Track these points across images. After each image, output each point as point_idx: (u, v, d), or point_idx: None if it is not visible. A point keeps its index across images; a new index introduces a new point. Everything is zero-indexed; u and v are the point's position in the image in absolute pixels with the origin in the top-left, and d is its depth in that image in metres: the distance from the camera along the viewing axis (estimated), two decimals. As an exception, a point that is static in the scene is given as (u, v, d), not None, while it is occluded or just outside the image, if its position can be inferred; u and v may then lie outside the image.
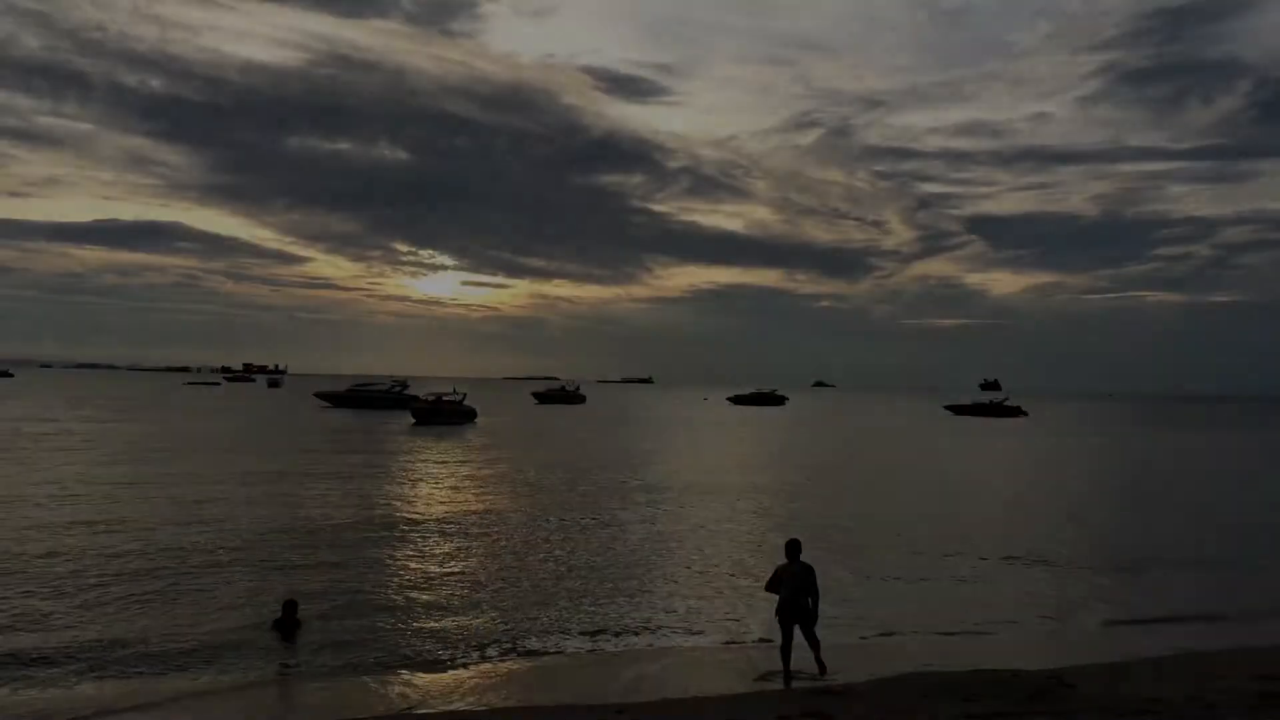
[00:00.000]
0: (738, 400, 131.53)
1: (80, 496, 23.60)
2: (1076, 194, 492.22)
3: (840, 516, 23.80)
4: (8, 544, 17.34)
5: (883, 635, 13.04)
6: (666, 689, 10.47)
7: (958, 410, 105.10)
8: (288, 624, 12.26)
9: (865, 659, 11.66)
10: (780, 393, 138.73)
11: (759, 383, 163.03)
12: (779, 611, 10.70)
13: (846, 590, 15.36)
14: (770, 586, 10.92)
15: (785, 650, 10.70)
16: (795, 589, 10.56)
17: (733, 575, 16.49)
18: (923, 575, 16.98)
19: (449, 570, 16.46)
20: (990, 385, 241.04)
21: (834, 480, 33.90)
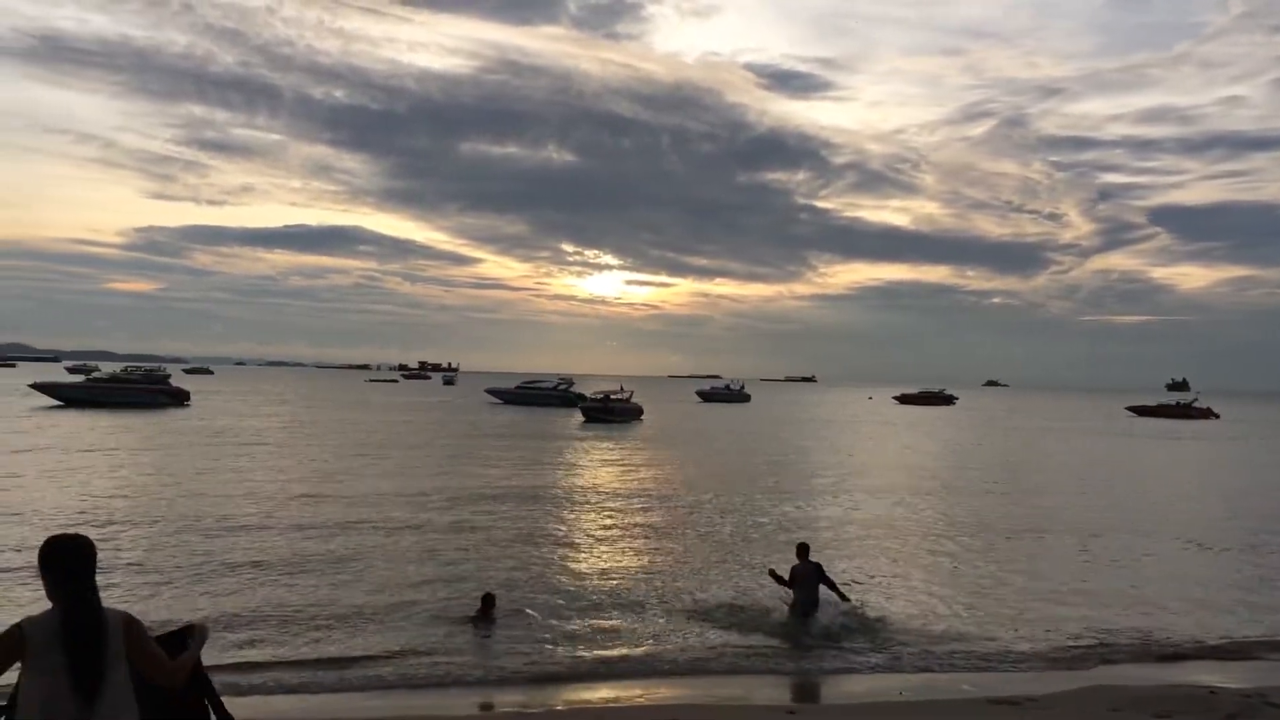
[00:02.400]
0: (905, 400, 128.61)
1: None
2: (1274, 182, 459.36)
3: (1023, 518, 23.31)
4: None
5: (1070, 643, 12.84)
6: (843, 692, 10.69)
7: (1141, 411, 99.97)
8: (485, 618, 12.68)
9: (1049, 668, 11.58)
10: (949, 392, 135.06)
11: (926, 382, 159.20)
12: (795, 606, 12.69)
13: (1024, 596, 15.18)
14: (788, 583, 12.79)
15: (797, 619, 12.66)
16: (810, 586, 12.64)
17: (899, 576, 16.46)
18: (1109, 582, 16.53)
19: (636, 564, 16.98)
20: (1178, 385, 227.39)
21: (1011, 482, 32.98)
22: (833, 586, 12.79)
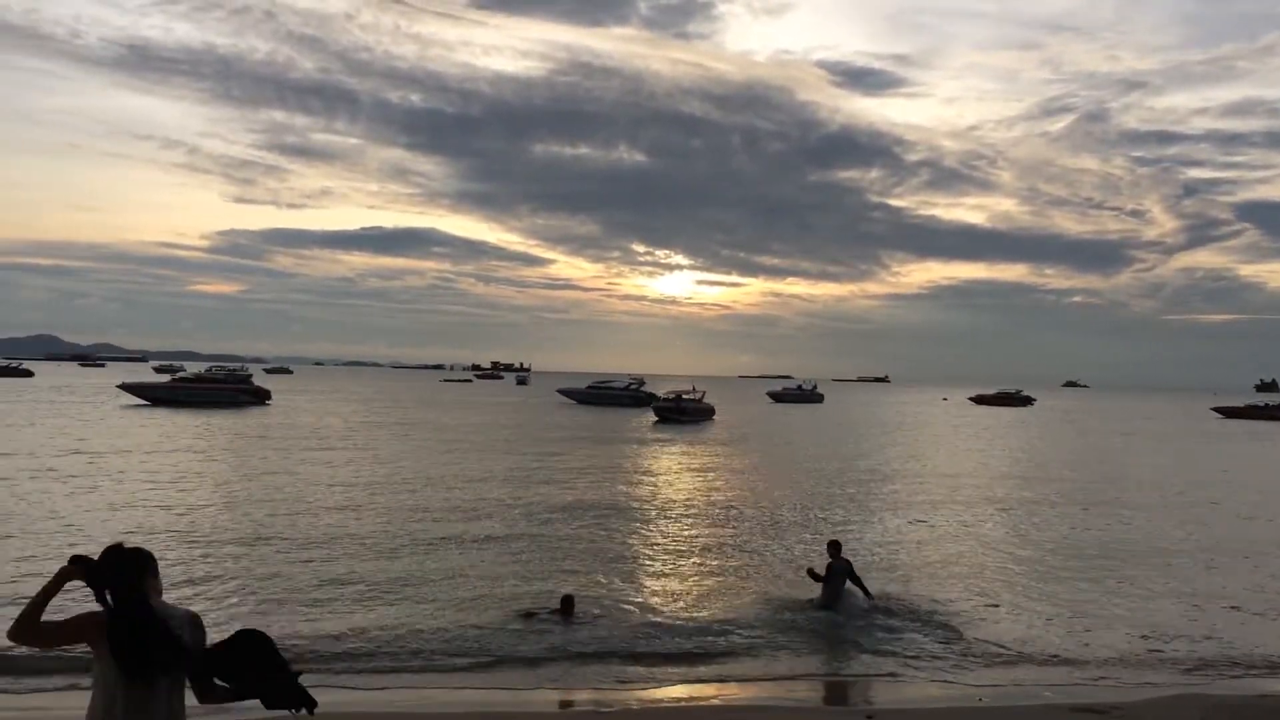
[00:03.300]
0: (981, 401, 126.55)
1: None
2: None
3: (1106, 525, 22.83)
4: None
5: (1159, 650, 12.54)
6: (920, 695, 10.59)
7: (1228, 413, 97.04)
8: (564, 619, 12.68)
9: (1136, 676, 11.34)
10: (1026, 393, 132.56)
11: (1002, 383, 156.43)
12: (823, 602, 13.32)
13: (1109, 601, 14.87)
14: (819, 578, 13.41)
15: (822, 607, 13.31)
16: (837, 582, 13.30)
17: (975, 579, 16.23)
18: (1201, 588, 16.11)
19: (710, 567, 17.00)
20: (1268, 386, 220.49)
21: (1094, 486, 32.24)
22: (858, 583, 13.50)
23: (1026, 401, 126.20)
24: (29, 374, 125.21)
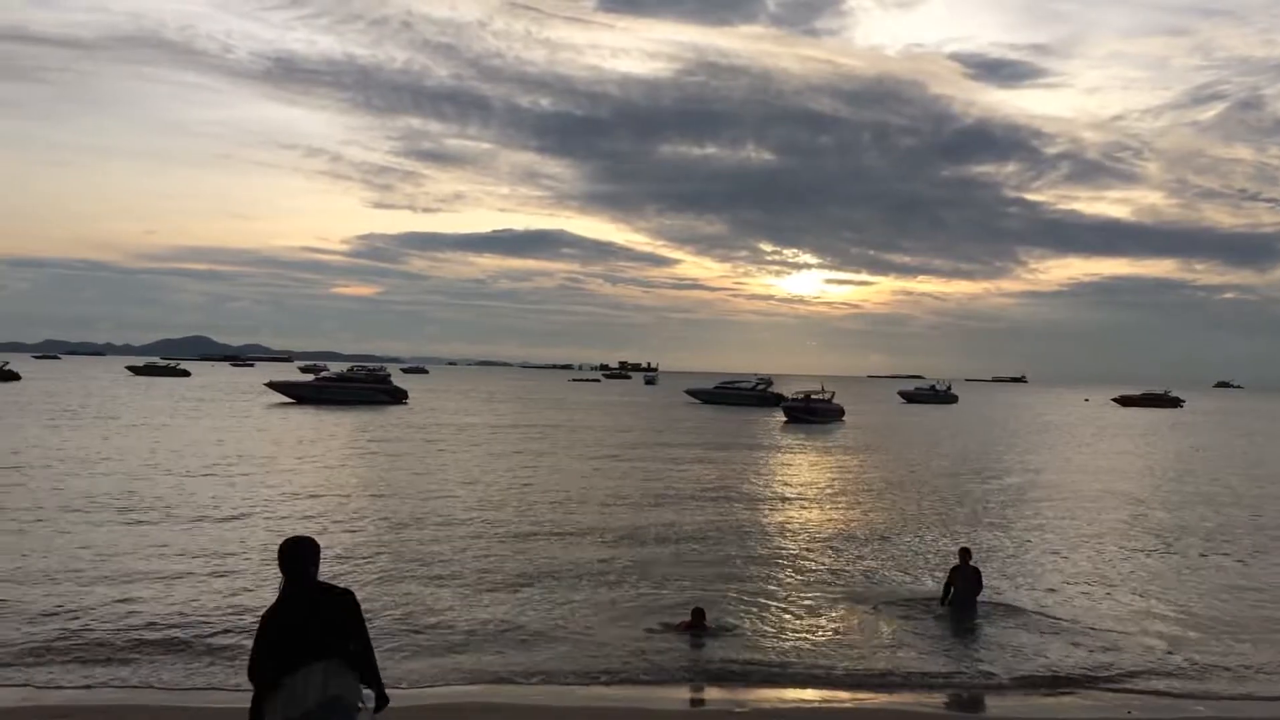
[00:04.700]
0: (1125, 402, 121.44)
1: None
2: None
3: (1269, 534, 21.73)
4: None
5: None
6: (1067, 704, 10.32)
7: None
8: (696, 629, 12.44)
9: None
10: (1174, 394, 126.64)
11: (1148, 383, 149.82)
12: (951, 601, 13.56)
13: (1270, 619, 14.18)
14: (950, 581, 13.73)
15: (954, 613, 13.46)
16: (967, 589, 13.56)
17: (1111, 591, 15.66)
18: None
19: (845, 574, 16.86)
20: None
21: (1253, 494, 30.60)
22: (977, 590, 13.80)
23: (1175, 403, 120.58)
24: (186, 374, 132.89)
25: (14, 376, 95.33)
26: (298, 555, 5.25)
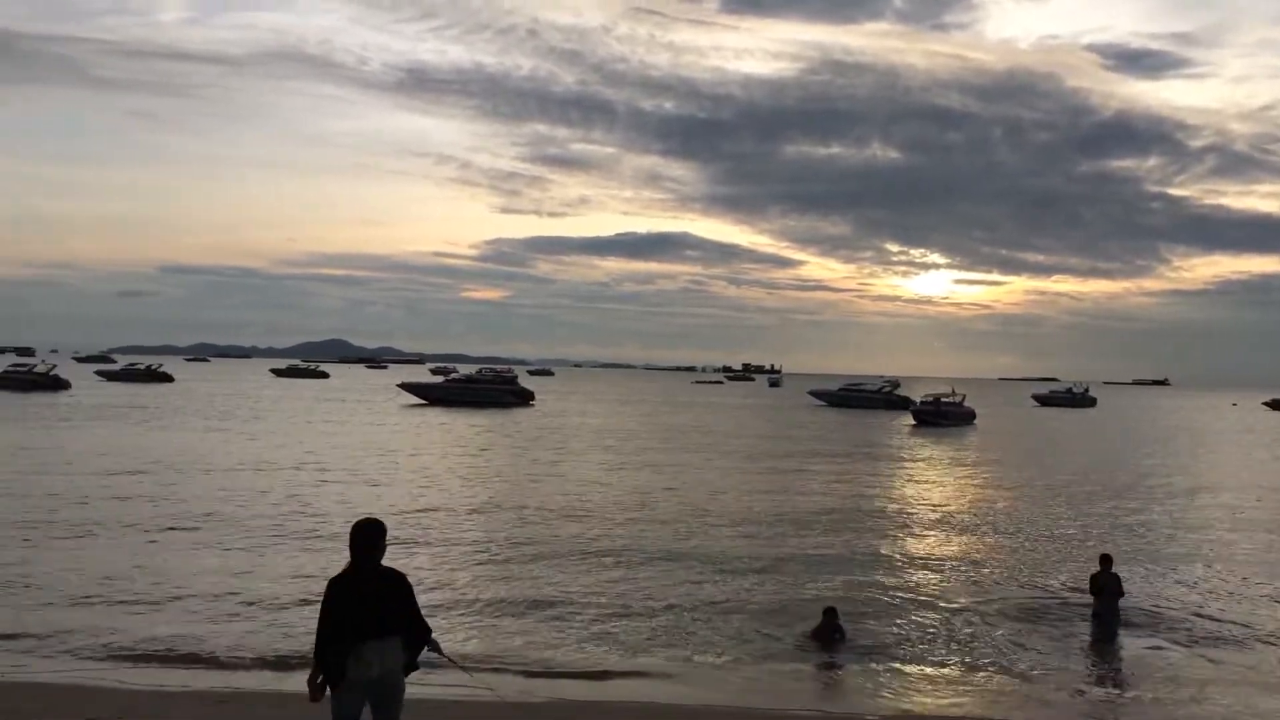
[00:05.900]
0: (1278, 406, 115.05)
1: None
2: None
3: None
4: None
5: None
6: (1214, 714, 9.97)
7: None
8: (828, 632, 12.11)
9: None
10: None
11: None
12: (1098, 614, 13.16)
13: None
14: (1092, 590, 13.34)
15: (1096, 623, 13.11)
16: (1110, 597, 13.11)
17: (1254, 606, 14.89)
18: None
19: (983, 577, 16.49)
20: None
21: None
22: (1116, 597, 13.30)
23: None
24: (326, 375, 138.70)
25: (167, 378, 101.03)
26: (370, 535, 5.82)
